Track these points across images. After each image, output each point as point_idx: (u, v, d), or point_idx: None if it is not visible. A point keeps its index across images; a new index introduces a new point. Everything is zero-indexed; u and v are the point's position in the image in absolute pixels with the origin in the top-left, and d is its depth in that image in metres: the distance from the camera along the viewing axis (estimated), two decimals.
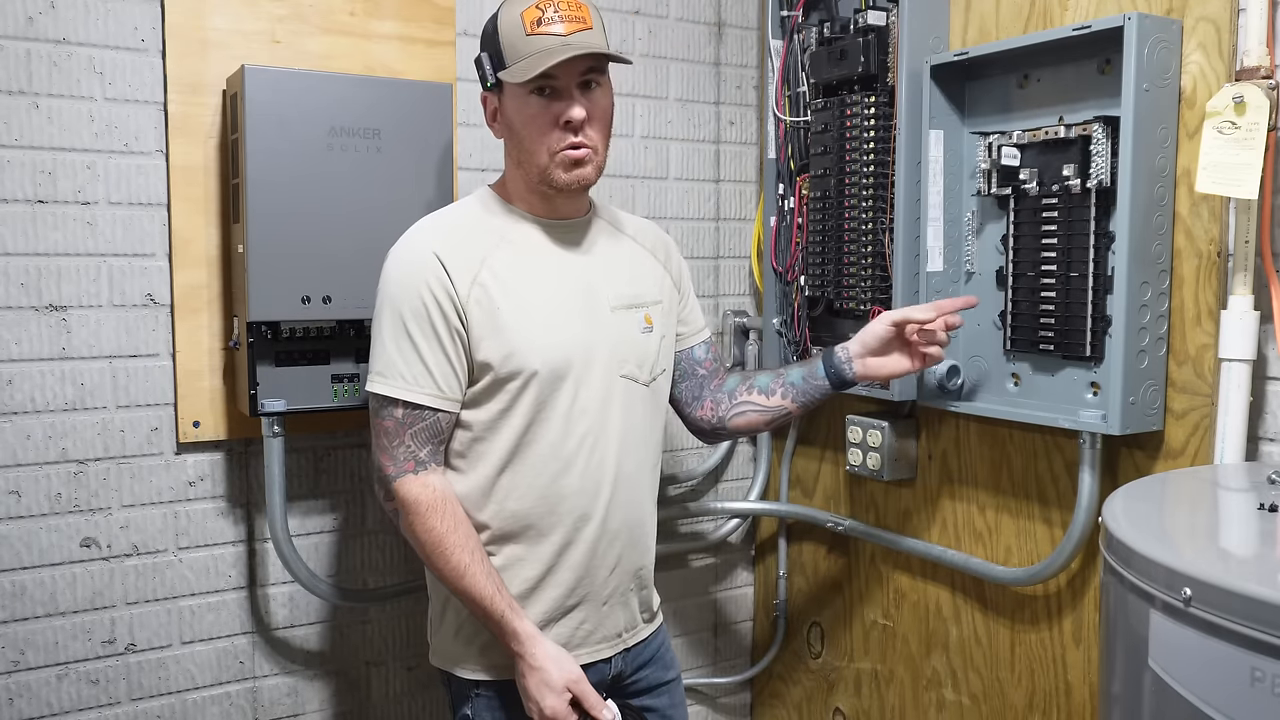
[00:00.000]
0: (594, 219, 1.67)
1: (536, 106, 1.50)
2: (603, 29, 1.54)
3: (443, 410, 1.50)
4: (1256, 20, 1.49)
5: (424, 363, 1.48)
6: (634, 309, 1.63)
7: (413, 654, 2.10)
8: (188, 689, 1.90)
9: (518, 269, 1.54)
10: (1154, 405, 1.64)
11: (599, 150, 1.54)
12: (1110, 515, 1.20)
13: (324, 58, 1.89)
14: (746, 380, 1.77)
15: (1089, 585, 1.78)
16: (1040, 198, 1.75)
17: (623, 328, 1.61)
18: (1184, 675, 1.00)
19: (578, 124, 1.50)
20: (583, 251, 1.62)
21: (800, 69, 2.19)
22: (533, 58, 1.46)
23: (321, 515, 1.99)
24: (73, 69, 1.73)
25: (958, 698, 2.04)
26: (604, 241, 1.66)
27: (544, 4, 1.48)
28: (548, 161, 1.52)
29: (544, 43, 1.46)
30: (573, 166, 1.52)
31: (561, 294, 1.56)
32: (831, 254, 2.12)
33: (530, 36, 1.47)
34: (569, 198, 1.58)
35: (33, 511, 1.76)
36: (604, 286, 1.61)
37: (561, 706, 1.48)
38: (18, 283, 1.72)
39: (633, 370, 1.61)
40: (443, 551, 1.48)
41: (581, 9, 1.50)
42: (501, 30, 1.51)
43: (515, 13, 1.49)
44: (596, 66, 1.51)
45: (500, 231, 1.56)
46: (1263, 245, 1.51)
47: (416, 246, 1.52)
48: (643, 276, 1.68)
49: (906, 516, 2.13)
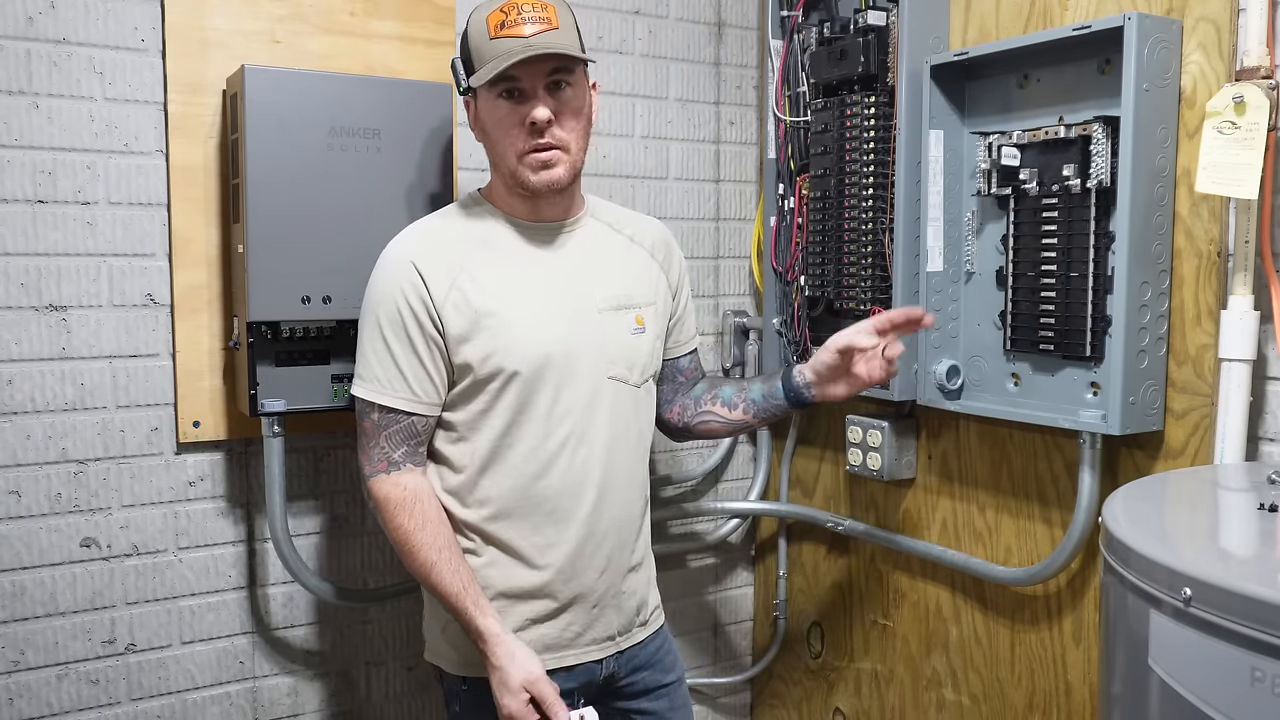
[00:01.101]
0: (586, 219, 1.67)
1: (504, 109, 1.52)
2: (574, 29, 1.55)
3: (417, 414, 1.53)
4: (1256, 20, 1.49)
5: (399, 368, 1.52)
6: (624, 310, 1.63)
7: (412, 654, 2.10)
8: (188, 689, 1.90)
9: (498, 272, 1.55)
10: (1154, 405, 1.64)
11: (570, 149, 1.54)
12: (1110, 515, 1.20)
13: (324, 58, 1.89)
14: (712, 389, 1.79)
15: (1089, 585, 1.78)
16: (1040, 198, 1.75)
17: (611, 329, 1.61)
18: (1184, 675, 1.00)
19: (542, 125, 1.50)
20: (569, 253, 1.62)
21: (800, 69, 2.19)
22: (495, 60, 1.48)
23: (321, 515, 1.99)
24: (73, 69, 1.73)
25: (958, 698, 2.04)
26: (595, 242, 1.66)
27: (508, 7, 1.49)
28: (516, 163, 1.53)
29: (506, 45, 1.48)
30: (541, 168, 1.53)
31: (543, 295, 1.57)
32: (831, 254, 2.12)
33: (494, 40, 1.49)
34: (549, 200, 1.59)
35: (33, 511, 1.76)
36: (591, 287, 1.61)
37: (519, 707, 1.48)
38: (18, 283, 1.72)
39: (621, 371, 1.61)
40: (410, 549, 1.52)
41: (547, 9, 1.50)
42: (470, 35, 1.53)
43: (482, 17, 1.51)
44: (564, 67, 1.51)
45: (482, 235, 1.58)
46: (1263, 245, 1.51)
47: (395, 255, 1.55)
48: (636, 277, 1.68)
49: (906, 516, 2.13)
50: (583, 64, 1.55)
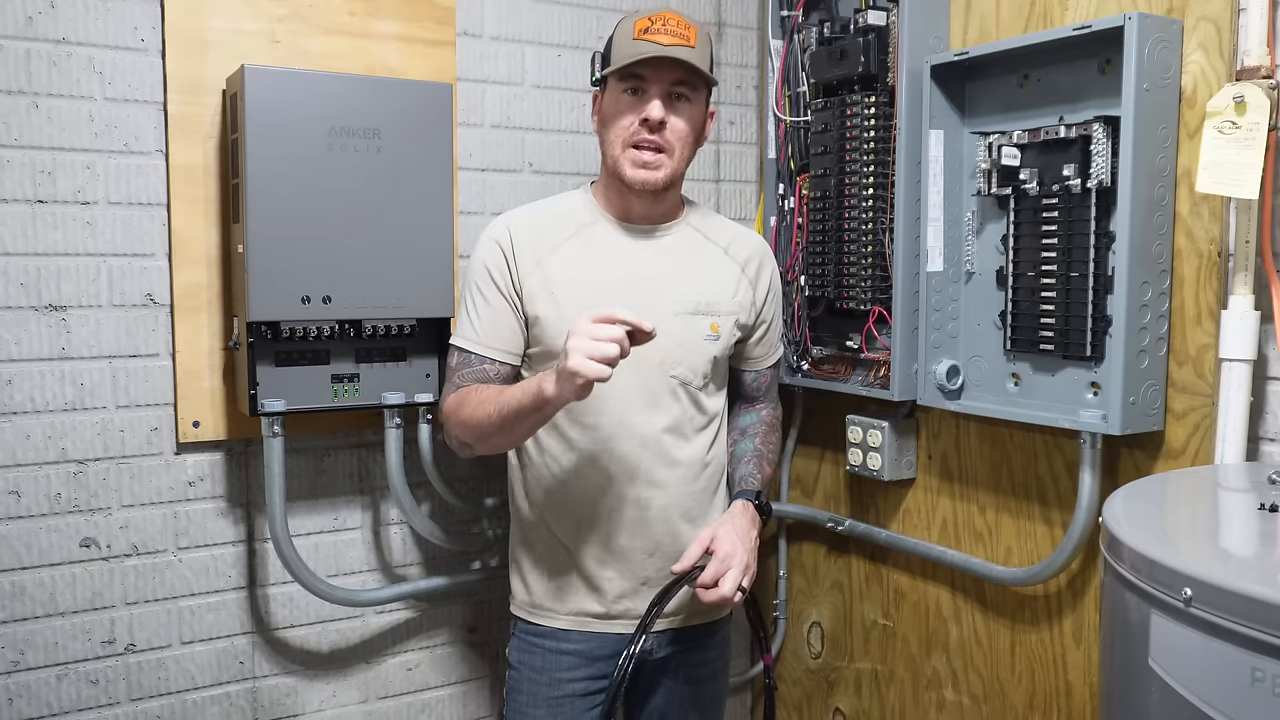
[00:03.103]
0: (680, 226, 1.75)
1: (625, 102, 1.63)
2: (709, 56, 1.66)
3: (488, 360, 1.67)
4: (1257, 20, 1.49)
5: (477, 315, 1.68)
6: (701, 315, 1.70)
7: (411, 654, 2.10)
8: (187, 689, 1.90)
9: (579, 262, 1.67)
10: (1154, 405, 1.64)
11: (673, 155, 1.63)
12: (1110, 515, 1.20)
13: (324, 58, 1.89)
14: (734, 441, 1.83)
15: (1089, 585, 1.78)
16: (1040, 198, 1.75)
17: (683, 332, 1.68)
18: (1184, 675, 1.00)
19: (654, 122, 1.60)
20: (653, 254, 1.71)
21: (800, 69, 2.19)
22: (629, 57, 1.61)
23: (321, 515, 1.99)
24: (72, 69, 1.73)
25: (958, 698, 2.04)
26: (684, 248, 1.74)
27: (656, 17, 1.63)
28: (619, 153, 1.64)
29: (644, 47, 1.60)
30: (641, 166, 1.63)
31: (615, 291, 1.65)
32: (831, 254, 2.12)
33: (635, 40, 1.61)
34: (642, 200, 1.68)
35: (32, 511, 1.76)
36: (668, 289, 1.69)
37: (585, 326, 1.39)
38: (18, 283, 1.72)
39: (685, 373, 1.69)
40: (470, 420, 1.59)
41: (690, 30, 1.62)
42: (616, 35, 1.67)
43: (631, 21, 1.64)
44: (688, 82, 1.62)
45: (576, 225, 1.70)
46: (1263, 245, 1.51)
47: (498, 222, 1.71)
48: (719, 286, 1.73)
49: (907, 516, 2.13)
50: (706, 87, 1.66)
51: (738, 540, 1.60)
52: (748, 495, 1.71)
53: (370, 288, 1.77)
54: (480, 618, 2.17)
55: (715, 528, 1.62)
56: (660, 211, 1.72)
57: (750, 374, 1.85)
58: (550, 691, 1.71)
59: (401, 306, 1.81)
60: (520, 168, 2.14)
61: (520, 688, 1.73)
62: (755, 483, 1.75)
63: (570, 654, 1.72)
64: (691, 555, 1.61)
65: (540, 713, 1.72)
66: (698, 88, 1.65)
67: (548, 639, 1.72)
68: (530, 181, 2.15)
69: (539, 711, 1.72)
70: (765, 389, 1.87)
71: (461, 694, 2.16)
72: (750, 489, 1.73)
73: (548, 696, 1.71)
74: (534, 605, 1.74)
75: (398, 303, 1.81)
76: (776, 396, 1.91)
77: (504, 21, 2.10)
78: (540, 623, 1.73)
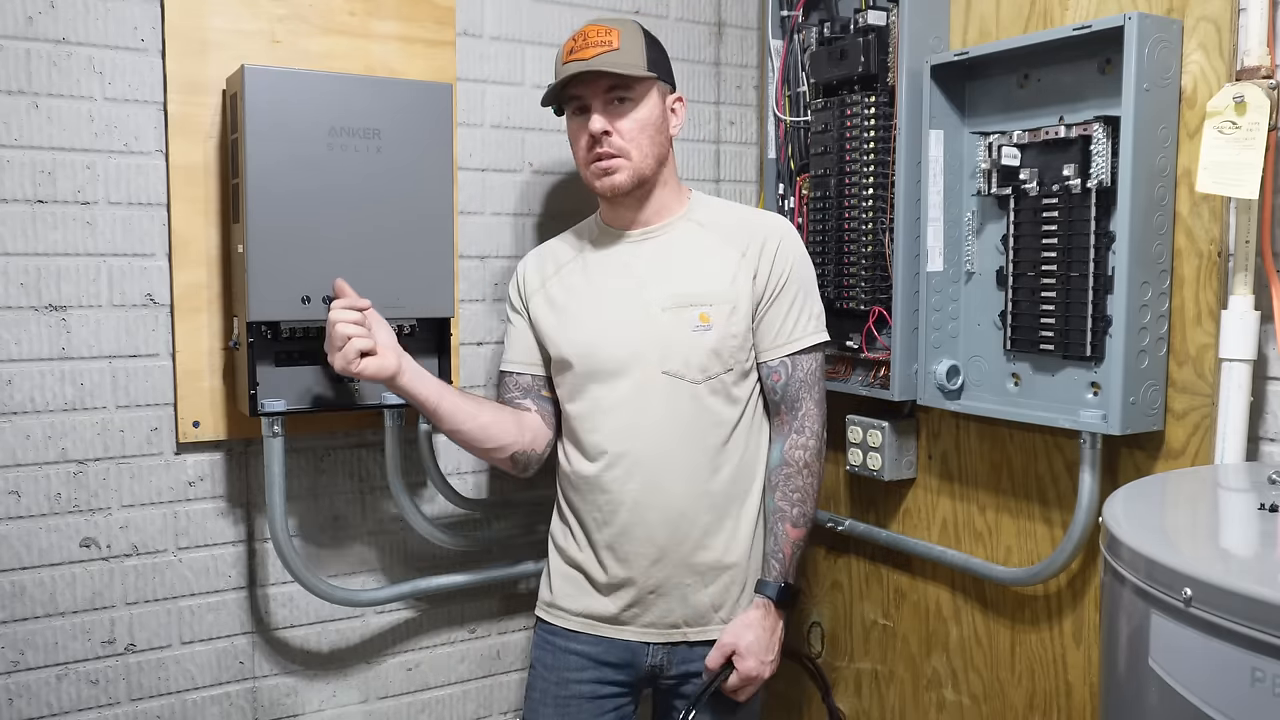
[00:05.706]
0: (677, 222, 1.77)
1: (575, 125, 1.73)
2: (640, 50, 1.68)
3: (520, 373, 1.83)
4: (1257, 20, 1.49)
5: (507, 339, 1.86)
6: (687, 308, 1.69)
7: (412, 654, 2.10)
8: (187, 689, 1.90)
9: (579, 277, 1.78)
10: (1154, 405, 1.64)
11: (629, 156, 1.68)
12: (1110, 515, 1.20)
13: (324, 58, 1.89)
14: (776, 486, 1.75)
15: (1089, 585, 1.78)
16: (1040, 198, 1.75)
17: (671, 326, 1.69)
18: (1184, 675, 1.00)
19: (596, 135, 1.67)
20: (644, 255, 1.75)
21: (800, 69, 2.19)
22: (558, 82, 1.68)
23: (321, 515, 1.99)
24: (72, 69, 1.73)
25: (958, 698, 2.04)
26: (677, 243, 1.75)
27: (579, 36, 1.68)
28: (585, 171, 1.73)
29: (569, 68, 1.66)
30: (603, 175, 1.70)
31: (610, 298, 1.73)
32: (831, 254, 2.12)
33: (564, 64, 1.68)
34: (628, 205, 1.75)
35: (32, 511, 1.76)
36: (656, 288, 1.71)
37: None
38: (17, 283, 1.72)
39: (677, 367, 1.68)
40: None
41: (610, 34, 1.66)
42: (556, 63, 1.73)
43: (561, 45, 1.71)
44: (619, 84, 1.66)
45: (580, 245, 1.82)
46: (1263, 245, 1.51)
47: (522, 260, 1.89)
48: (713, 275, 1.71)
49: (906, 516, 2.13)
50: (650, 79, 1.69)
51: (763, 653, 1.67)
52: (767, 591, 1.70)
53: (370, 288, 1.76)
54: (480, 618, 2.17)
55: (737, 637, 1.66)
56: (651, 211, 1.76)
57: (764, 367, 1.74)
58: (559, 691, 1.73)
59: (402, 307, 1.81)
60: (520, 168, 2.14)
61: (534, 684, 1.78)
62: (775, 571, 1.71)
63: (578, 654, 1.74)
64: (714, 663, 1.68)
65: (549, 711, 1.74)
66: (633, 86, 1.68)
67: (559, 638, 1.76)
68: (530, 181, 2.15)
69: (547, 710, 1.74)
70: (784, 390, 1.73)
71: (461, 694, 2.16)
72: (768, 580, 1.71)
73: (556, 695, 1.73)
74: (550, 604, 1.79)
75: (398, 303, 1.80)
76: (813, 408, 1.74)
77: (504, 21, 2.10)
78: (554, 621, 1.78)
